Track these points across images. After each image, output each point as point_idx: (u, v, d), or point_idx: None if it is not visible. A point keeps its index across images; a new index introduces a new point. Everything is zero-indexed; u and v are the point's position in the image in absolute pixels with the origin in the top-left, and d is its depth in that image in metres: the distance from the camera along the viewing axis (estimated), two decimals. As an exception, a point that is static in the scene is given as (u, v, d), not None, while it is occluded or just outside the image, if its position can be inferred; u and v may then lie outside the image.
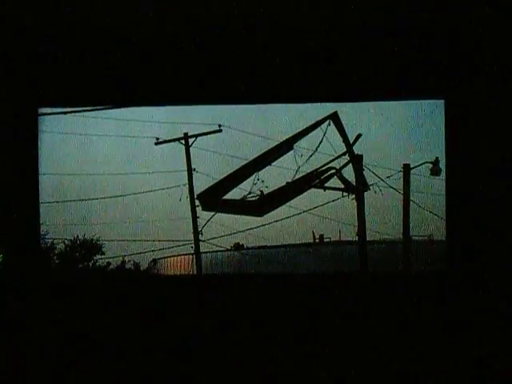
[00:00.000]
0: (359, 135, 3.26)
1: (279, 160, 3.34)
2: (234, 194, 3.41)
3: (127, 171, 3.33)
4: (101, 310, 2.04)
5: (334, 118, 3.18)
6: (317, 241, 4.19)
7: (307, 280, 2.16)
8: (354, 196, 3.40)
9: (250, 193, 3.41)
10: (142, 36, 1.99)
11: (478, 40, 1.85)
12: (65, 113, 2.62)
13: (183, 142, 3.93)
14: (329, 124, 3.25)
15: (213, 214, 3.46)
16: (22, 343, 1.99)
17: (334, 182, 3.50)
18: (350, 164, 3.43)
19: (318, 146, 3.34)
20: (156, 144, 3.68)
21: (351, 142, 3.31)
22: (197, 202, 3.58)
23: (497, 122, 1.74)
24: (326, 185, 3.46)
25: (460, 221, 2.03)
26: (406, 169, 3.55)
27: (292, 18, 1.82)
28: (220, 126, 3.48)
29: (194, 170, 3.91)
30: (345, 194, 3.42)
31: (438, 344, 1.97)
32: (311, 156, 3.34)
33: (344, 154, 3.40)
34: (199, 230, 3.86)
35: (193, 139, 3.85)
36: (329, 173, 3.50)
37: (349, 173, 3.48)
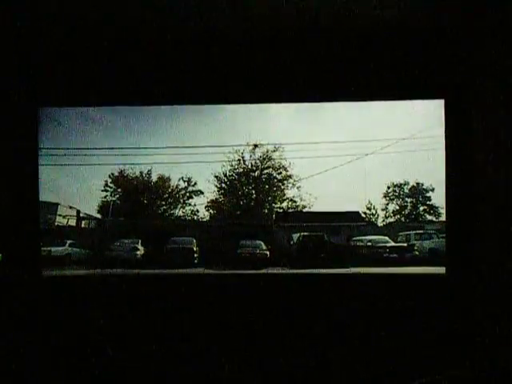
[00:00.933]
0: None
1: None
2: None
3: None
4: (100, 310, 2.03)
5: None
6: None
7: (307, 279, 2.15)
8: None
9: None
10: (142, 36, 1.99)
11: (478, 40, 1.85)
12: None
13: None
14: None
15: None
16: (21, 343, 1.99)
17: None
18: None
19: None
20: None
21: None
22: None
23: (497, 122, 1.74)
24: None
25: (460, 221, 2.03)
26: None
27: (292, 17, 1.82)
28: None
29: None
30: None
31: (438, 344, 1.96)
32: None
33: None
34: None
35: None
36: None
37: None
